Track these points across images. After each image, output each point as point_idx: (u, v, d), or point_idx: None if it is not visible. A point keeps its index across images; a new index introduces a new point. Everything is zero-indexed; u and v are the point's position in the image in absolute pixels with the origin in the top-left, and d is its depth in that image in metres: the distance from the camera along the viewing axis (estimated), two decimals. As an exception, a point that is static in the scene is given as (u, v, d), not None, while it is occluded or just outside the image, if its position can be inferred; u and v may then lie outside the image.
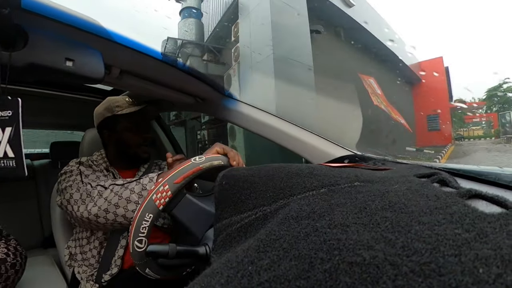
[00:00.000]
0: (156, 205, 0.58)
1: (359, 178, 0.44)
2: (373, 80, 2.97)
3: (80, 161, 1.00)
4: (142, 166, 1.15)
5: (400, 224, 0.26)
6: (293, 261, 0.24)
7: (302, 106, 4.59)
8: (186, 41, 6.78)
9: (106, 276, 0.91)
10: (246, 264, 0.26)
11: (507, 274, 0.18)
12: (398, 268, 0.20)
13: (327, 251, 0.24)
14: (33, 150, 2.86)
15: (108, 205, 0.79)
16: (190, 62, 6.75)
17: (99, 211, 0.79)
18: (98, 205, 0.80)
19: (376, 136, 4.77)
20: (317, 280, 0.21)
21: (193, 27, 6.61)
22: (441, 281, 0.19)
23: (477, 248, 0.21)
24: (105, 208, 0.79)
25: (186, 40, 6.78)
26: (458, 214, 0.27)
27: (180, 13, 6.82)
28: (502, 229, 0.23)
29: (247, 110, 1.09)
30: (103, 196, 0.81)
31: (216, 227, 0.47)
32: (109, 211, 0.79)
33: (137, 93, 1.29)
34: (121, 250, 0.94)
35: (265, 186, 0.44)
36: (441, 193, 0.34)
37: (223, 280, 0.25)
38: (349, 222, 0.28)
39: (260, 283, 0.22)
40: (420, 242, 0.23)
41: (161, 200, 0.59)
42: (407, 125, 9.43)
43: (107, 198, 0.80)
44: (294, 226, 0.30)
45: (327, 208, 0.33)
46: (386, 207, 0.31)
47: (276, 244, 0.28)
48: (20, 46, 0.55)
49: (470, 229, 0.24)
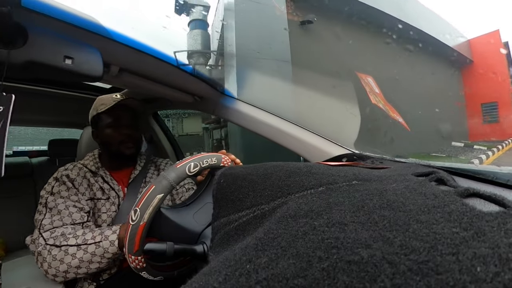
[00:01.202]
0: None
1: (357, 176, 0.44)
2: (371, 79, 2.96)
3: (57, 176, 0.95)
4: (138, 165, 1.12)
5: (398, 222, 0.26)
6: (291, 260, 0.24)
7: (275, 100, 4.50)
8: (191, 51, 6.84)
9: (105, 275, 0.91)
10: (244, 263, 0.26)
11: (504, 273, 0.18)
12: (396, 267, 0.20)
13: (325, 250, 0.24)
14: (31, 148, 2.86)
15: (68, 267, 0.77)
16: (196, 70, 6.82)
17: (57, 272, 0.77)
18: (53, 267, 0.76)
19: (376, 135, 4.59)
20: (315, 279, 0.21)
21: (199, 37, 6.73)
22: (439, 279, 0.19)
23: (475, 247, 0.21)
24: (64, 270, 0.77)
25: (191, 51, 6.83)
26: (456, 213, 0.27)
27: (188, 25, 6.95)
28: (500, 228, 0.24)
29: (246, 109, 1.09)
30: (58, 258, 0.77)
31: (214, 225, 0.47)
32: (69, 271, 0.77)
33: (135, 91, 1.29)
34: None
35: (263, 185, 0.44)
36: (439, 192, 0.34)
37: (221, 279, 0.25)
38: (347, 221, 0.28)
39: (258, 282, 0.22)
40: (418, 240, 0.23)
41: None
42: (443, 115, 7.76)
43: (64, 260, 0.77)
44: (292, 224, 0.30)
45: (325, 206, 0.33)
46: (384, 205, 0.31)
47: (274, 242, 0.28)
48: (20, 44, 0.55)
49: (468, 227, 0.24)
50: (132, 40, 0.77)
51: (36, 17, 0.57)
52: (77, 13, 0.64)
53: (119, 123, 1.04)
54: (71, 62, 0.61)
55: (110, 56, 0.75)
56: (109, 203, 0.97)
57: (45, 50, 0.58)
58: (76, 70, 0.62)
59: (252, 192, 0.44)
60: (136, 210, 0.56)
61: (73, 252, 0.77)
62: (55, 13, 0.60)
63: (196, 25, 7.28)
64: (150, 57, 0.83)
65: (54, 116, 1.97)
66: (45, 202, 0.87)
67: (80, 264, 0.77)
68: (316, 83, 4.74)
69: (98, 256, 0.77)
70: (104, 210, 0.95)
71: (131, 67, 0.87)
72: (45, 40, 0.58)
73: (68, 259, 0.76)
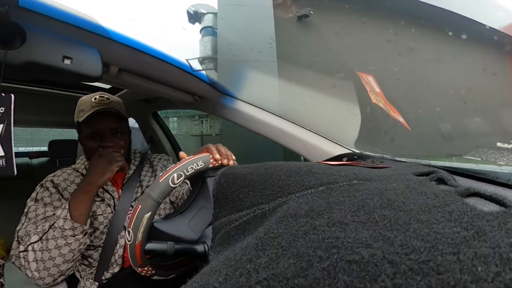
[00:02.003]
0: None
1: (358, 176, 0.44)
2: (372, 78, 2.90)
3: (42, 183, 0.94)
4: (132, 164, 1.09)
5: (398, 222, 0.26)
6: (292, 259, 0.24)
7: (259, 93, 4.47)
8: (201, 58, 6.91)
9: (108, 274, 0.91)
10: (244, 262, 0.26)
11: (505, 273, 0.18)
12: (397, 266, 0.20)
13: (326, 249, 0.24)
14: (32, 148, 2.86)
15: (45, 264, 0.76)
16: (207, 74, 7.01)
17: (40, 274, 0.76)
18: (34, 271, 0.76)
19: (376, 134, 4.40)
20: (315, 278, 0.21)
21: (209, 44, 6.87)
22: (440, 279, 0.19)
23: (475, 247, 0.21)
24: (44, 268, 0.76)
25: (202, 57, 6.90)
26: (457, 212, 0.27)
27: (200, 32, 7.08)
28: (501, 227, 0.23)
29: (246, 108, 1.09)
30: (31, 260, 0.76)
31: (214, 225, 0.47)
32: (49, 268, 0.76)
33: (135, 90, 1.29)
34: (121, 249, 0.94)
35: (263, 184, 0.44)
36: (440, 191, 0.34)
37: (221, 279, 0.25)
38: (347, 220, 0.28)
39: (258, 281, 0.22)
40: (419, 240, 0.23)
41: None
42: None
43: (37, 258, 0.76)
44: (293, 224, 0.30)
45: (325, 206, 0.33)
46: (385, 205, 0.31)
47: (275, 242, 0.28)
48: (18, 44, 0.55)
49: (469, 227, 0.24)
50: (131, 40, 0.77)
51: (34, 17, 0.57)
52: (76, 12, 0.64)
53: (100, 133, 0.97)
54: (70, 62, 0.61)
55: (109, 56, 0.75)
56: (104, 205, 0.96)
57: (43, 50, 0.58)
58: (75, 70, 0.62)
59: (252, 192, 0.44)
60: (129, 231, 0.57)
61: (39, 248, 0.76)
62: (53, 12, 0.59)
63: (207, 32, 7.41)
64: (149, 57, 0.83)
65: (53, 116, 1.97)
66: (27, 211, 0.86)
67: (51, 254, 0.76)
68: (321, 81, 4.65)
69: (61, 239, 0.76)
70: (100, 212, 0.95)
71: (131, 67, 0.87)
72: (44, 40, 0.58)
73: (39, 256, 0.75)
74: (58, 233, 0.76)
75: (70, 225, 0.77)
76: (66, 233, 0.76)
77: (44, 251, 0.76)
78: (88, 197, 0.83)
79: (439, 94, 1.23)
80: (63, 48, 0.61)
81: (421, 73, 1.32)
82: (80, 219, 0.79)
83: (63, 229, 0.76)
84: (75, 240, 0.78)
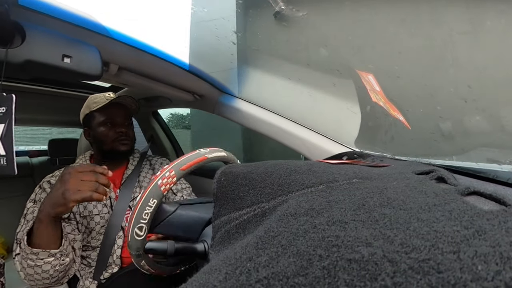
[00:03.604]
0: (162, 190, 0.55)
1: (358, 175, 0.44)
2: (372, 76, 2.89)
3: (40, 184, 0.94)
4: (130, 164, 1.10)
5: (398, 221, 0.26)
6: (292, 258, 0.24)
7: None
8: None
9: (106, 274, 0.91)
10: (244, 261, 0.26)
11: (506, 271, 0.18)
12: (397, 265, 0.20)
13: (326, 248, 0.24)
14: (32, 147, 2.86)
15: (29, 271, 0.71)
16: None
17: (30, 280, 0.73)
18: (22, 278, 0.73)
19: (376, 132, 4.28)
20: (315, 277, 0.21)
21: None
22: (440, 278, 0.19)
23: (475, 245, 0.21)
24: (31, 274, 0.72)
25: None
26: (457, 211, 0.27)
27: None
28: (501, 226, 0.23)
29: (246, 107, 1.09)
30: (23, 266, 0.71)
31: (215, 224, 0.47)
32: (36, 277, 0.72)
33: (135, 89, 1.29)
34: (119, 250, 0.94)
35: (263, 183, 0.44)
36: (440, 190, 0.34)
37: (221, 277, 0.25)
38: (347, 219, 0.28)
39: (258, 280, 0.22)
40: (419, 239, 0.23)
41: (167, 185, 0.55)
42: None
43: (23, 265, 0.71)
44: (293, 223, 0.30)
45: (325, 205, 0.33)
46: (385, 204, 0.31)
47: (275, 241, 0.28)
48: (18, 43, 0.55)
49: (469, 226, 0.24)
50: (131, 39, 0.77)
51: (33, 16, 0.57)
52: (75, 11, 0.64)
53: (113, 121, 1.03)
54: (70, 60, 0.61)
55: (109, 54, 0.75)
56: (101, 205, 0.96)
57: (43, 48, 0.58)
58: (74, 68, 0.62)
59: (252, 191, 0.44)
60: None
61: (20, 260, 0.71)
62: (53, 11, 0.59)
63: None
64: (149, 56, 0.83)
65: (53, 115, 1.97)
66: (25, 213, 0.85)
67: (34, 269, 0.70)
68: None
69: (30, 260, 0.69)
70: (96, 212, 0.95)
71: (131, 65, 0.87)
72: (43, 38, 0.58)
73: (25, 266, 0.71)
74: (25, 254, 0.69)
75: (30, 251, 0.68)
76: (31, 257, 0.68)
77: (26, 266, 0.71)
78: (43, 226, 0.68)
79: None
80: (62, 47, 0.61)
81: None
82: (44, 245, 0.69)
83: (26, 253, 0.68)
84: (45, 263, 0.70)
